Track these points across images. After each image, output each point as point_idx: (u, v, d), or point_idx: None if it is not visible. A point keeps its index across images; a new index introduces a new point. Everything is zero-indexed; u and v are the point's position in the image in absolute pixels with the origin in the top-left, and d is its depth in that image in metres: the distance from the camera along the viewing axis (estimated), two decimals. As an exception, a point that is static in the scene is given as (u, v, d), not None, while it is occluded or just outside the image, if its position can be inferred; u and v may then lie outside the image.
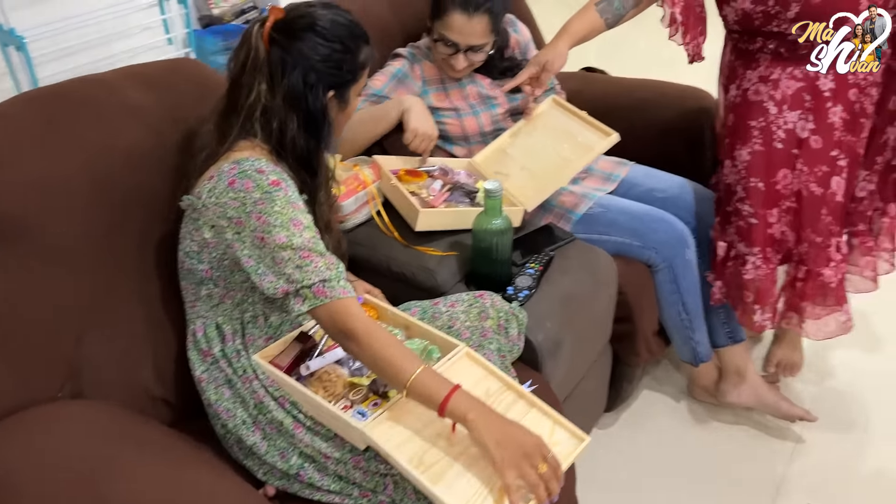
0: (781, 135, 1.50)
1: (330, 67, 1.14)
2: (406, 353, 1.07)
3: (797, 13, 1.41)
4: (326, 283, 1.04)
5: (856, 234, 1.62)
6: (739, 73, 1.56)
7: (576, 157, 1.62)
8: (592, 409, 1.71)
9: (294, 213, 1.07)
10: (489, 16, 1.58)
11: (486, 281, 1.43)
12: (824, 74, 1.46)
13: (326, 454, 1.11)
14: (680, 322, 1.67)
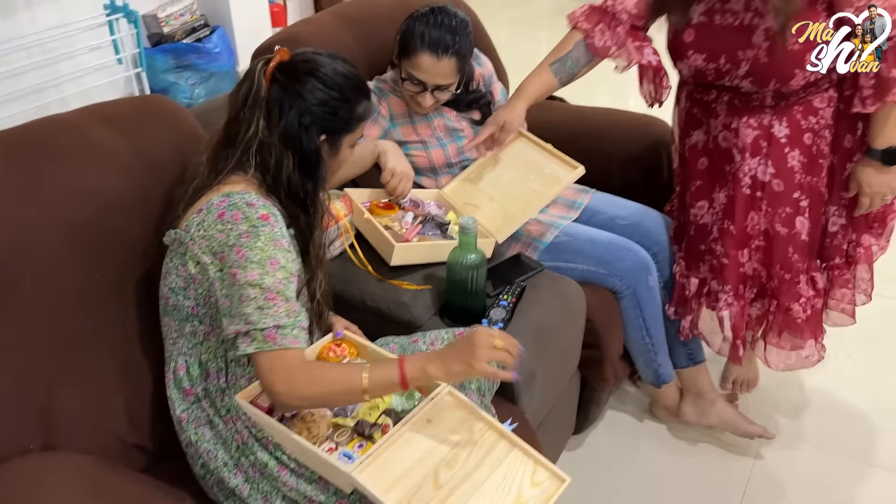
0: (748, 181, 1.57)
1: (325, 112, 1.16)
2: (342, 369, 1.12)
3: (747, 70, 1.47)
4: (279, 330, 1.05)
5: (833, 268, 1.68)
6: (703, 121, 1.63)
7: (543, 188, 1.66)
8: (562, 433, 1.75)
9: (274, 251, 1.08)
10: (457, 58, 1.61)
11: (460, 314, 1.45)
12: (778, 121, 1.53)
13: (311, 497, 1.11)
14: (644, 346, 1.73)
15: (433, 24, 1.59)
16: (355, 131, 1.23)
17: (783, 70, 1.44)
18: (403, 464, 1.08)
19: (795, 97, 1.51)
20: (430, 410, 1.15)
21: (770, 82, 1.47)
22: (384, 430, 1.13)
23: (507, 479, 1.09)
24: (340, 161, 1.25)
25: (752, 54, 1.44)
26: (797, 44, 1.40)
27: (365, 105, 1.23)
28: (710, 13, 1.48)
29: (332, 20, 1.80)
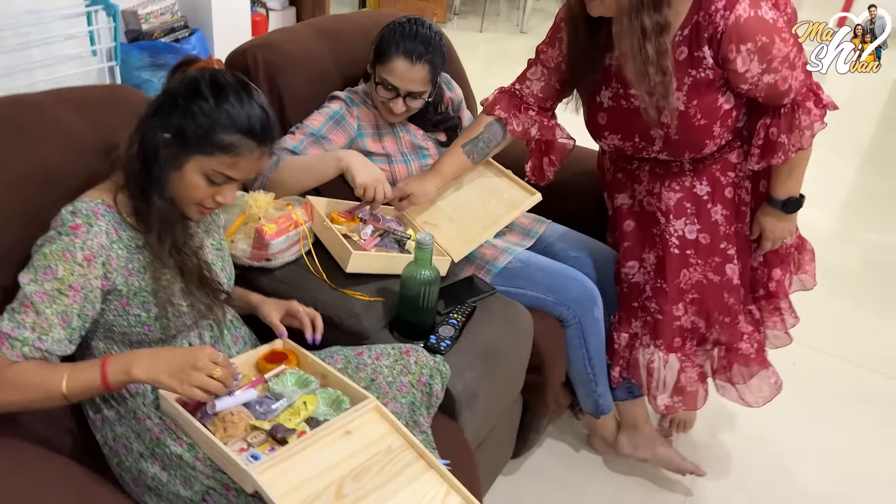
0: (675, 241, 1.65)
1: (183, 114, 1.10)
2: (46, 371, 1.06)
3: (661, 147, 1.56)
4: (10, 339, 1.05)
5: (759, 299, 1.79)
6: (627, 186, 1.72)
7: (502, 212, 1.71)
8: (500, 456, 1.77)
9: (56, 262, 1.07)
10: (429, 66, 1.66)
11: (410, 328, 1.47)
12: (699, 181, 1.62)
13: (228, 484, 1.11)
14: (585, 375, 1.77)
15: (408, 32, 1.64)
16: (210, 157, 1.11)
17: (694, 143, 1.53)
18: (309, 471, 1.08)
19: (711, 158, 1.60)
20: (351, 422, 1.16)
21: (685, 153, 1.57)
22: (300, 436, 1.14)
23: (415, 495, 1.10)
24: (185, 184, 1.13)
25: (662, 132, 1.52)
26: (701, 119, 1.48)
27: (236, 140, 1.11)
28: (616, 98, 1.55)
29: (310, 32, 1.83)
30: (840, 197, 3.73)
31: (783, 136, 1.50)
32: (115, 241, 1.12)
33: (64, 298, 1.07)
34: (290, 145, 1.65)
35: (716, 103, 1.48)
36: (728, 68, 1.43)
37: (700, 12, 1.41)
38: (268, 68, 1.70)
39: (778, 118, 1.50)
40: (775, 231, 1.66)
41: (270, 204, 1.53)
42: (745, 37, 1.38)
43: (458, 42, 2.31)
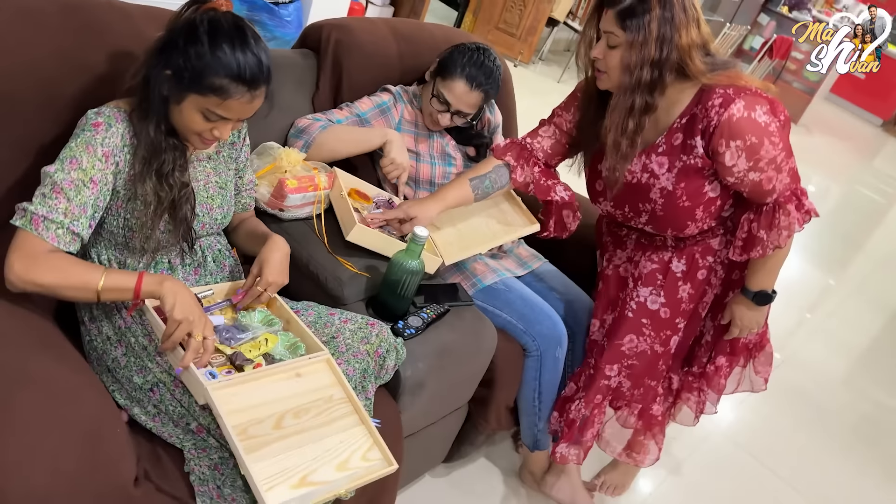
0: (633, 306, 1.75)
1: (182, 55, 1.18)
2: (82, 269, 1.18)
3: (647, 220, 1.68)
4: (45, 220, 1.16)
5: (689, 374, 1.89)
6: (611, 251, 1.85)
7: (500, 232, 1.84)
8: (432, 454, 1.87)
9: (81, 153, 1.19)
10: (484, 95, 1.82)
11: (384, 309, 1.59)
12: (677, 258, 1.73)
13: (177, 383, 1.25)
14: (532, 407, 1.87)
15: (475, 60, 1.80)
16: (203, 97, 1.20)
17: (677, 222, 1.65)
18: (257, 399, 1.21)
19: (693, 240, 1.72)
20: (303, 367, 1.29)
21: (667, 230, 1.68)
22: (255, 367, 1.26)
23: (342, 444, 1.22)
24: (185, 118, 1.23)
25: (650, 207, 1.65)
26: (686, 201, 1.60)
27: (225, 84, 1.19)
28: (613, 170, 1.63)
29: (386, 29, 1.99)
30: (860, 345, 3.74)
31: (762, 232, 1.61)
32: (126, 145, 1.25)
33: (86, 190, 1.20)
34: (336, 118, 1.81)
35: (701, 189, 1.60)
36: (717, 160, 1.55)
37: (699, 105, 1.54)
38: (337, 47, 1.86)
39: (760, 214, 1.61)
40: (744, 319, 1.76)
41: (299, 163, 1.68)
42: (736, 134, 1.49)
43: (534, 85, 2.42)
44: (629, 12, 1.45)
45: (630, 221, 1.72)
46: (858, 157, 7.56)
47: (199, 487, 1.19)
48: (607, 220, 1.86)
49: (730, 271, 1.77)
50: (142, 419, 1.26)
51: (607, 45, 1.51)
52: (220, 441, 1.22)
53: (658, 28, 1.45)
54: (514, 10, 5.73)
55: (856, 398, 3.14)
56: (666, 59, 1.47)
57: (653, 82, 1.48)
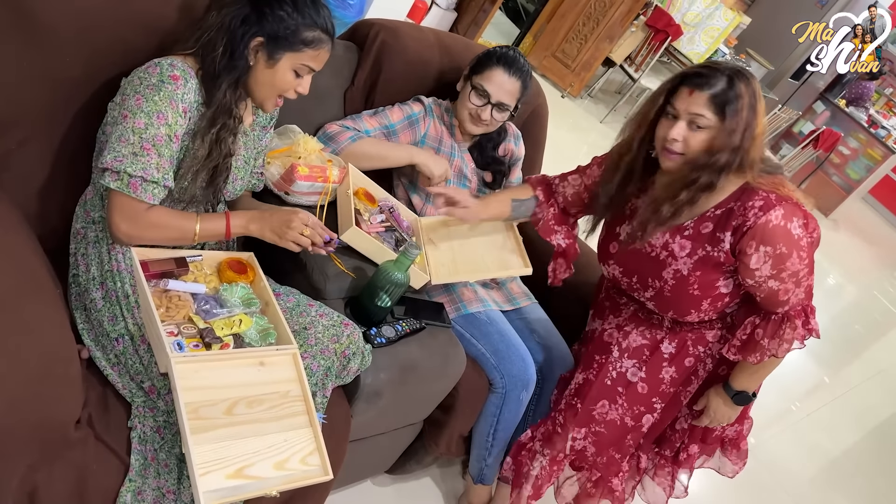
0: (614, 374, 1.75)
1: (273, 20, 1.29)
2: (180, 217, 1.33)
3: (652, 295, 1.67)
4: (143, 182, 1.23)
5: (661, 456, 1.88)
6: (605, 314, 1.84)
7: (493, 267, 1.85)
8: (376, 462, 1.89)
9: (167, 107, 1.24)
10: (521, 84, 1.85)
11: (361, 312, 1.61)
12: (669, 340, 1.72)
13: (145, 338, 1.27)
14: (484, 441, 1.88)
15: (510, 54, 1.85)
16: (299, 53, 1.33)
17: (680, 307, 1.65)
18: (216, 380, 1.23)
19: (690, 326, 1.71)
20: (268, 356, 1.31)
21: (669, 311, 1.68)
22: (223, 347, 1.28)
23: (286, 443, 1.23)
24: (277, 79, 1.35)
25: (659, 284, 1.64)
26: (696, 290, 1.60)
27: (316, 35, 1.33)
28: (640, 233, 1.62)
29: (433, 39, 2.01)
30: (831, 452, 3.70)
31: (765, 340, 1.60)
32: (197, 101, 1.31)
33: (172, 145, 1.27)
34: (365, 128, 1.84)
35: (715, 282, 1.59)
36: (741, 260, 1.54)
37: (737, 202, 1.53)
38: (381, 47, 1.88)
39: (767, 322, 1.60)
40: (718, 412, 1.76)
41: (316, 152, 1.70)
42: (768, 240, 1.49)
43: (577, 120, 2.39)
44: (724, 97, 1.44)
45: (633, 292, 1.71)
46: (881, 264, 7.49)
47: (136, 445, 1.22)
48: (609, 284, 1.85)
49: (718, 365, 1.76)
50: (101, 364, 1.28)
51: (692, 127, 1.48)
52: (168, 406, 1.25)
53: (746, 115, 1.45)
54: (574, 42, 5.74)
55: (814, 502, 3.12)
56: (745, 146, 1.46)
57: (726, 166, 1.47)
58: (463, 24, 4.82)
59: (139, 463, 1.20)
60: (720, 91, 1.44)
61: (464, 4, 4.84)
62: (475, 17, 4.80)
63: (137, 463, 1.20)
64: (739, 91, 1.43)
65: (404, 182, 1.97)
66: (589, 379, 1.77)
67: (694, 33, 5.83)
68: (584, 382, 1.78)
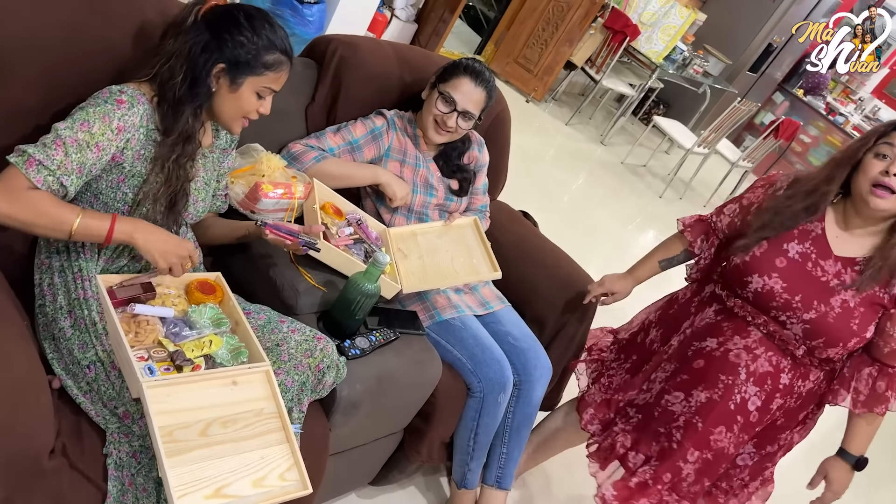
0: (738, 399, 1.67)
1: (233, 45, 1.31)
2: (61, 206, 1.22)
3: (811, 319, 1.59)
4: (39, 165, 1.19)
5: (717, 488, 1.82)
6: (727, 334, 1.70)
7: (463, 272, 1.87)
8: (359, 474, 1.89)
9: (95, 119, 1.24)
10: (486, 94, 1.89)
11: (334, 326, 1.62)
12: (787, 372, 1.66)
13: (115, 364, 1.27)
14: (465, 446, 1.89)
15: (476, 65, 1.89)
16: (261, 76, 1.35)
17: (837, 336, 1.59)
18: (189, 402, 1.23)
19: (813, 361, 1.66)
20: (241, 375, 1.31)
21: (819, 339, 1.61)
22: (194, 369, 1.28)
23: (263, 460, 1.24)
24: (241, 102, 1.36)
25: (824, 309, 1.58)
26: (856, 325, 1.58)
27: (276, 58, 1.34)
28: (805, 258, 1.62)
29: (392, 52, 2.03)
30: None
31: (889, 392, 1.62)
32: (142, 126, 1.30)
33: (88, 152, 1.24)
34: (328, 145, 1.85)
35: (868, 324, 1.59)
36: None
37: None
38: (339, 63, 1.90)
39: (885, 375, 1.63)
40: (841, 482, 1.69)
41: (279, 169, 1.71)
42: None
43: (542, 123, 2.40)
44: None
45: (786, 311, 1.62)
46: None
47: (113, 471, 1.21)
48: (732, 303, 1.72)
49: (799, 410, 1.73)
50: (73, 392, 1.28)
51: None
52: (143, 430, 1.24)
53: None
54: (535, 48, 5.80)
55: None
56: None
57: None
58: (424, 34, 4.86)
59: (117, 489, 1.19)
60: None
61: (424, 15, 4.88)
62: (435, 27, 4.85)
63: (115, 489, 1.19)
64: None
65: (372, 196, 1.99)
66: (713, 399, 1.68)
67: (651, 32, 5.92)
68: (708, 402, 1.69)
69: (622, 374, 1.93)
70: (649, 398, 1.80)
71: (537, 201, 2.16)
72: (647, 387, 1.83)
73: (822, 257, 1.61)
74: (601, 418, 1.88)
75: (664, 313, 1.92)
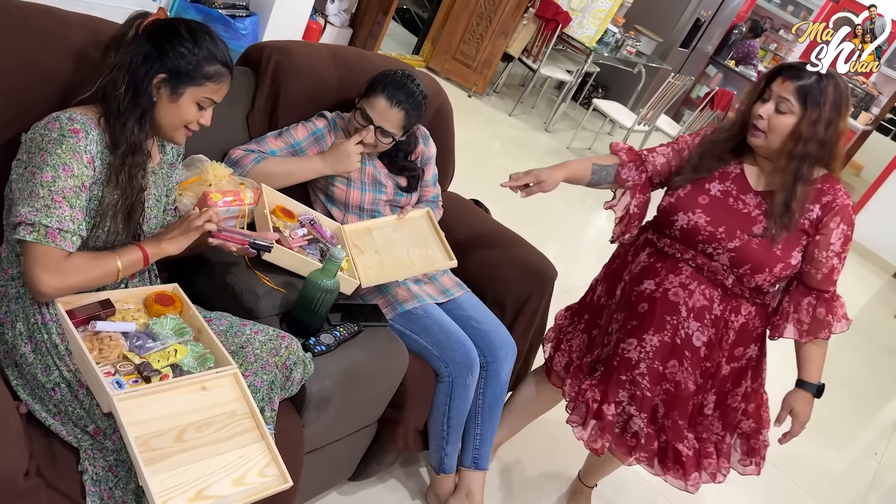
0: (683, 335, 1.78)
1: (173, 56, 1.32)
2: (99, 259, 1.32)
3: (735, 247, 1.70)
4: (61, 232, 1.24)
5: (699, 440, 1.88)
6: (662, 273, 1.81)
7: (419, 263, 1.91)
8: (338, 471, 1.91)
9: (71, 160, 1.26)
10: (404, 114, 1.87)
11: (297, 325, 1.64)
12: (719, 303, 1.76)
13: (82, 383, 1.28)
14: (440, 431, 1.93)
15: (398, 81, 1.87)
16: (201, 87, 1.36)
17: (760, 262, 1.70)
18: (161, 411, 1.24)
19: (742, 292, 1.76)
20: (209, 380, 1.32)
21: (744, 266, 1.71)
22: (162, 378, 1.30)
23: (241, 459, 1.26)
24: (181, 113, 1.37)
25: (746, 238, 1.71)
26: (779, 251, 1.70)
27: (217, 69, 1.36)
28: (726, 195, 1.75)
29: (327, 54, 2.05)
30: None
31: (829, 317, 1.73)
32: (100, 152, 1.31)
33: (82, 194, 1.27)
34: (270, 149, 1.87)
35: (792, 249, 1.71)
36: (821, 233, 1.69)
37: (826, 184, 1.71)
38: (276, 68, 1.92)
39: (822, 301, 1.74)
40: (808, 413, 1.79)
41: (226, 177, 1.72)
42: (846, 221, 1.69)
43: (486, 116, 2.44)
44: (808, 90, 1.60)
45: (712, 243, 1.73)
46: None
47: (90, 487, 1.22)
48: (663, 244, 1.82)
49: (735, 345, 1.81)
50: (42, 415, 1.28)
51: (776, 110, 1.64)
52: (116, 444, 1.25)
53: (828, 111, 1.61)
54: (471, 43, 5.87)
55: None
56: (830, 139, 1.63)
57: (817, 158, 1.65)
58: (360, 39, 4.88)
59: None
60: (807, 84, 1.61)
61: (357, 20, 4.91)
62: (370, 30, 4.88)
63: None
64: (825, 88, 1.60)
65: (321, 197, 2.01)
66: (665, 341, 1.79)
67: (582, 17, 6.05)
68: (661, 344, 1.79)
69: (579, 335, 2.00)
70: (609, 350, 1.89)
71: (488, 191, 2.20)
72: (606, 340, 1.91)
73: (743, 192, 1.76)
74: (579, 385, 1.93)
75: (608, 269, 2.01)
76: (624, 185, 1.90)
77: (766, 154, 1.73)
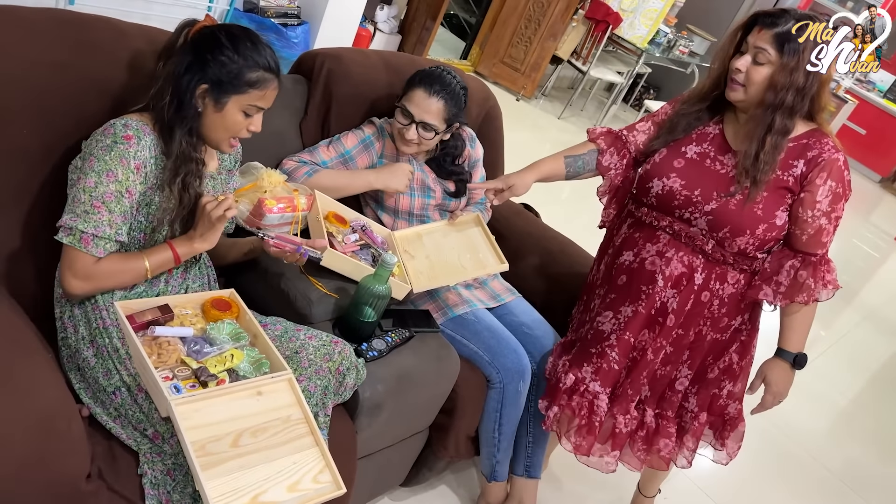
0: (657, 304, 1.72)
1: (215, 66, 1.32)
2: (128, 260, 1.35)
3: (713, 209, 1.64)
4: (95, 238, 1.28)
5: (663, 417, 1.83)
6: (639, 243, 1.76)
7: (471, 268, 1.89)
8: (390, 476, 1.91)
9: (117, 165, 1.29)
10: (444, 102, 1.86)
11: (349, 331, 1.64)
12: (700, 272, 1.69)
13: (141, 387, 1.30)
14: (491, 438, 1.91)
15: (434, 73, 1.88)
16: (245, 95, 1.35)
17: (741, 224, 1.62)
18: (217, 416, 1.26)
19: (725, 257, 1.68)
20: (264, 385, 1.33)
21: (723, 229, 1.64)
22: (219, 383, 1.31)
23: (295, 465, 1.27)
24: (227, 122, 1.37)
25: (723, 198, 1.64)
26: (760, 211, 1.62)
27: (260, 76, 1.35)
28: (703, 156, 1.69)
29: (378, 61, 2.07)
30: (838, 406, 3.71)
31: (810, 280, 1.63)
32: (152, 157, 1.34)
33: (124, 200, 1.30)
34: (321, 159, 1.88)
35: (776, 209, 1.62)
36: (808, 189, 1.61)
37: (812, 138, 1.63)
38: (328, 76, 1.93)
39: (807, 264, 1.63)
40: (781, 383, 1.71)
41: (280, 184, 1.74)
42: (836, 177, 1.60)
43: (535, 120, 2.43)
44: (786, 36, 1.54)
45: (688, 207, 1.67)
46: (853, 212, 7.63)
47: (149, 490, 1.24)
48: (649, 207, 1.76)
49: (720, 318, 1.74)
50: (103, 419, 1.31)
51: (754, 61, 1.59)
52: (174, 448, 1.27)
53: (807, 56, 1.54)
54: (519, 46, 5.84)
55: (830, 455, 3.16)
56: (809, 88, 1.57)
57: (794, 108, 1.57)
58: (408, 45, 4.91)
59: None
60: (785, 31, 1.54)
61: (406, 26, 4.93)
62: (419, 36, 4.90)
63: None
64: (804, 33, 1.53)
65: (371, 203, 2.02)
66: (639, 312, 1.73)
67: (633, 18, 5.95)
68: (635, 315, 1.74)
69: (578, 316, 1.97)
70: (587, 327, 1.85)
71: (538, 195, 2.18)
72: (587, 317, 1.87)
73: (721, 153, 1.69)
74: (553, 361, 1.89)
75: (600, 247, 1.98)
76: (606, 173, 1.86)
77: (745, 109, 1.65)
